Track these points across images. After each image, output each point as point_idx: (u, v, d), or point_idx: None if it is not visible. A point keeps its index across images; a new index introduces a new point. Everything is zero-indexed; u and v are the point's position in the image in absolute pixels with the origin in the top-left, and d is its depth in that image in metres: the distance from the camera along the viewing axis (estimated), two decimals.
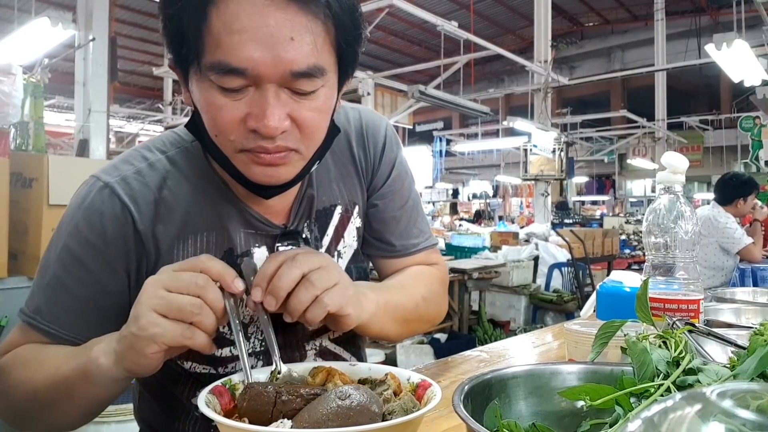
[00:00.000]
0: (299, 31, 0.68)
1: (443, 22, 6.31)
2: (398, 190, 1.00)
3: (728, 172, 4.48)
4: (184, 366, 0.86)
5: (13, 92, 2.75)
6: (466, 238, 7.33)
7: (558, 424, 0.57)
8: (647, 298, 0.66)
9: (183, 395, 0.89)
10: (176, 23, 0.70)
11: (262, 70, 0.68)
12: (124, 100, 15.46)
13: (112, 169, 0.83)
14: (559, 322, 4.59)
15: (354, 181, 0.96)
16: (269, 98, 0.69)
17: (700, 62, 9.15)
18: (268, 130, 0.70)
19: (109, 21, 4.90)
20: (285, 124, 0.71)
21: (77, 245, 0.79)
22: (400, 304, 0.90)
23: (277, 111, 0.70)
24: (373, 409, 0.59)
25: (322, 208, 0.92)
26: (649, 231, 0.90)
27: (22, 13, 6.18)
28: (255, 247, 0.86)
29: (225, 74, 0.68)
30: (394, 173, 0.99)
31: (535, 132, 8.73)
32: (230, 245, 0.84)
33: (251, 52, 0.67)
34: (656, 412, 0.34)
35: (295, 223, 0.89)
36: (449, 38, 7.22)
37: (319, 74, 0.71)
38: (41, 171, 2.46)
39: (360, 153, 0.96)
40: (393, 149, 1.00)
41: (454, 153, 16.88)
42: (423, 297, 0.96)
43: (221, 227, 0.84)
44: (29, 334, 0.81)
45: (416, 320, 0.96)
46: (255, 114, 0.70)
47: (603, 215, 14.48)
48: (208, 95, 0.71)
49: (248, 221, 0.85)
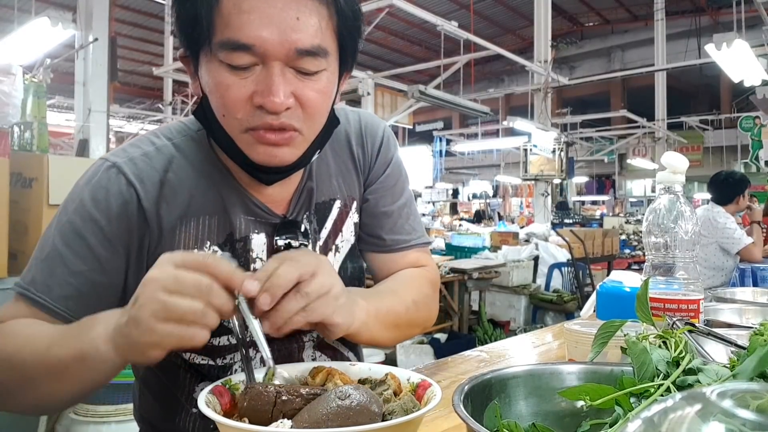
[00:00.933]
0: (305, 13, 0.73)
1: (443, 22, 6.31)
2: (391, 187, 1.02)
3: (720, 172, 4.48)
4: (183, 356, 0.88)
5: (14, 92, 2.75)
6: (466, 238, 7.32)
7: (558, 424, 0.57)
8: (647, 298, 0.66)
9: (182, 391, 0.90)
10: (189, 8, 0.74)
11: (269, 47, 0.72)
12: (124, 100, 15.46)
13: (121, 151, 0.86)
14: (559, 322, 4.59)
15: (353, 177, 0.99)
16: (275, 75, 0.73)
17: (700, 62, 9.15)
18: (273, 105, 0.73)
19: (109, 21, 4.91)
20: (289, 101, 0.75)
21: (80, 220, 0.80)
22: (391, 310, 0.90)
23: (282, 87, 0.74)
24: (373, 409, 0.59)
25: (321, 201, 0.94)
26: (649, 231, 0.90)
27: (22, 13, 6.18)
28: (254, 234, 0.88)
29: (233, 51, 0.72)
30: (388, 171, 1.02)
31: (535, 132, 8.73)
32: (230, 229, 0.86)
33: (259, 30, 0.72)
34: (656, 412, 0.34)
35: (294, 214, 0.91)
36: (449, 38, 7.22)
37: (323, 54, 0.76)
38: (41, 171, 2.46)
39: (359, 151, 1.00)
40: (390, 149, 1.03)
41: (454, 153, 16.89)
42: (414, 301, 0.96)
43: (223, 212, 0.86)
44: (20, 306, 0.80)
45: (407, 325, 0.96)
46: (261, 90, 0.74)
47: (603, 215, 14.47)
48: (217, 75, 0.75)
49: (249, 208, 0.87)
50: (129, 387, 2.38)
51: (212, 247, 0.85)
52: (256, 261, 0.87)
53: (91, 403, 2.32)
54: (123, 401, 2.31)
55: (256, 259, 0.87)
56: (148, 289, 0.63)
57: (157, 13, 12.44)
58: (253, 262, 0.87)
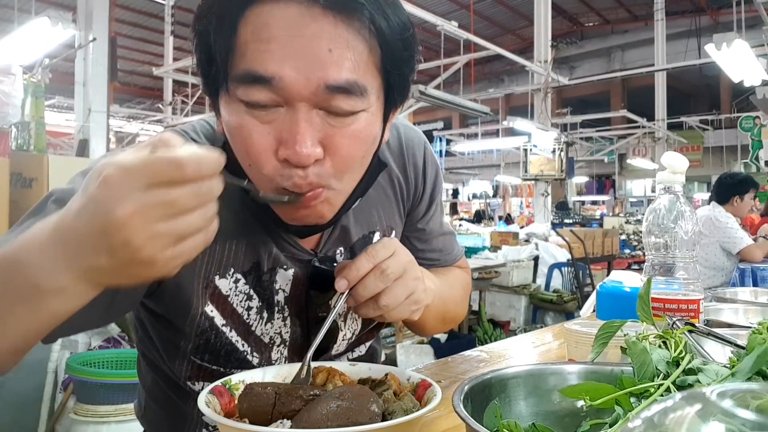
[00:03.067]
0: (338, 45, 0.61)
1: (443, 22, 6.31)
2: (437, 206, 0.99)
3: (725, 172, 4.49)
4: (194, 388, 0.83)
5: (13, 92, 2.75)
6: (466, 238, 7.32)
7: (558, 424, 0.57)
8: (649, 297, 0.66)
9: (191, 408, 0.86)
10: (205, 39, 0.65)
11: (293, 84, 0.61)
12: (124, 100, 15.46)
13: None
14: (559, 322, 4.59)
15: (393, 206, 0.92)
16: (300, 120, 0.62)
17: (700, 62, 9.15)
18: (298, 158, 0.62)
19: (109, 21, 4.91)
20: (317, 151, 0.63)
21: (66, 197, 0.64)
22: (446, 301, 0.91)
23: (309, 134, 0.62)
24: (373, 409, 0.59)
25: (360, 236, 0.88)
26: (649, 231, 0.90)
27: (22, 13, 6.18)
28: (281, 269, 0.81)
29: (250, 85, 0.62)
30: (435, 193, 0.97)
31: (535, 132, 8.72)
32: (257, 259, 0.80)
33: (280, 64, 0.60)
34: (656, 412, 0.34)
35: (324, 249, 0.84)
36: (449, 38, 7.22)
37: (359, 93, 0.63)
38: (41, 171, 2.46)
39: (401, 176, 0.91)
40: (433, 169, 0.96)
41: (454, 153, 16.88)
42: (461, 298, 0.99)
43: (250, 239, 0.79)
44: None
45: (450, 320, 0.97)
46: (285, 140, 0.63)
47: (603, 215, 14.48)
48: (237, 117, 0.64)
49: (278, 241, 0.80)
50: (129, 387, 2.38)
51: (236, 275, 0.79)
52: (278, 292, 0.82)
53: (91, 403, 2.32)
54: (123, 401, 2.31)
55: (279, 290, 0.82)
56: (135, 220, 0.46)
57: (157, 13, 12.44)
58: (276, 293, 0.82)
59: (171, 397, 0.88)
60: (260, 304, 0.81)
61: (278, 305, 0.82)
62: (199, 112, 10.38)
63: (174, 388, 0.86)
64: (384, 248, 0.69)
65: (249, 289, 0.80)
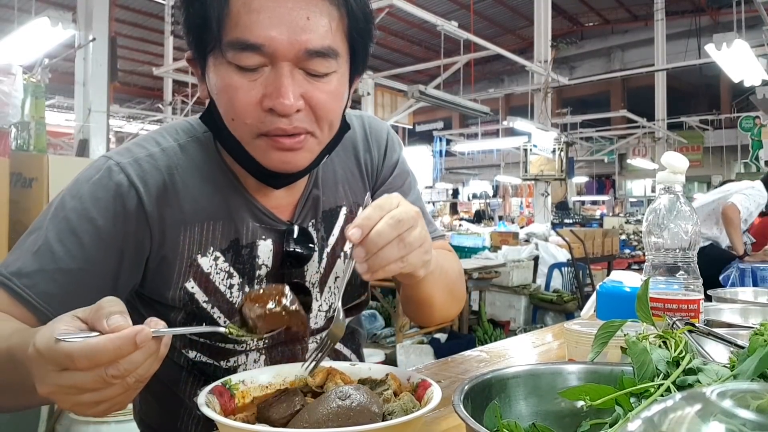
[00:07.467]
0: (315, 13, 0.73)
1: (443, 22, 6.31)
2: (399, 188, 1.02)
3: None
4: (188, 355, 0.87)
5: (13, 92, 2.75)
6: (466, 238, 7.32)
7: (558, 424, 0.57)
8: (648, 297, 0.66)
9: (185, 393, 0.90)
10: (198, 8, 0.74)
11: (278, 47, 0.72)
12: (124, 100, 15.46)
13: (125, 151, 0.84)
14: (559, 322, 4.59)
15: (359, 183, 0.99)
16: (284, 76, 0.73)
17: (700, 62, 9.15)
18: (283, 107, 0.72)
19: (109, 21, 4.90)
20: (299, 103, 0.74)
21: (77, 218, 0.78)
22: (447, 271, 0.93)
23: (292, 88, 0.73)
24: (373, 409, 0.59)
25: (328, 208, 0.94)
26: (649, 231, 0.90)
27: (22, 13, 6.19)
28: (260, 240, 0.87)
29: (242, 51, 0.72)
30: (395, 172, 1.03)
31: (535, 132, 8.73)
32: (236, 236, 0.86)
33: (268, 30, 0.71)
34: (656, 412, 0.34)
35: (299, 220, 0.91)
36: (449, 38, 7.22)
37: (333, 56, 0.75)
38: (41, 171, 2.46)
39: (365, 156, 1.00)
40: (395, 150, 1.04)
41: (454, 153, 16.88)
42: (459, 272, 1.01)
43: (228, 217, 0.85)
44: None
45: (456, 296, 0.99)
46: (270, 93, 0.73)
47: (603, 215, 14.46)
48: (226, 76, 0.74)
49: (255, 214, 0.87)
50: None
51: (215, 253, 0.84)
52: (261, 267, 0.87)
53: None
54: None
55: (262, 265, 0.87)
56: (55, 396, 0.55)
57: (157, 13, 12.43)
58: (259, 268, 0.87)
59: (165, 384, 0.90)
60: (241, 281, 0.86)
61: (258, 279, 0.86)
62: (199, 112, 10.37)
63: (168, 370, 0.87)
64: (390, 199, 0.69)
65: (229, 266, 0.85)
